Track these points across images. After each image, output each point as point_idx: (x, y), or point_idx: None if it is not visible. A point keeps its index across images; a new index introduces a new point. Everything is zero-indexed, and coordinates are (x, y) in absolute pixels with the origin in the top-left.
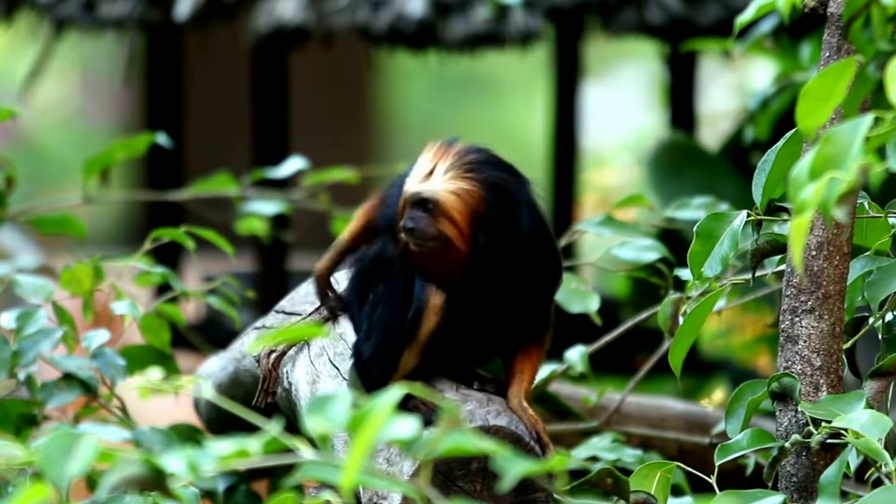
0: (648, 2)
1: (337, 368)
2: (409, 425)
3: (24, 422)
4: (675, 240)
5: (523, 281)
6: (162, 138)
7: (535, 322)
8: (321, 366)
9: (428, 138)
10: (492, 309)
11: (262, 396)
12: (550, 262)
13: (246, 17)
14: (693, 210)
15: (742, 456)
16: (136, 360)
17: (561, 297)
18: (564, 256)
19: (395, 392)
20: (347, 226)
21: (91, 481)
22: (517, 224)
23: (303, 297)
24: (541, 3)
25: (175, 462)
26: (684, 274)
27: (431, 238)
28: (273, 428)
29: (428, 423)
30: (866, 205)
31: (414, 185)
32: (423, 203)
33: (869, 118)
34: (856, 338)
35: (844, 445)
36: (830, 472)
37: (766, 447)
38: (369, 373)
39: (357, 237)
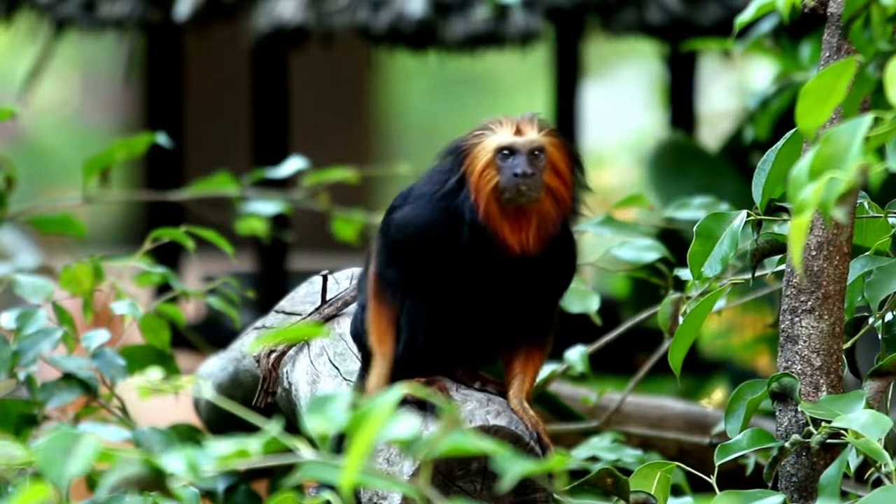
0: (648, 2)
1: (337, 368)
2: (409, 425)
3: (24, 422)
4: (675, 240)
5: (563, 268)
6: (162, 138)
7: (542, 323)
8: (321, 366)
9: (428, 138)
10: (524, 296)
11: (262, 396)
12: (576, 254)
13: (246, 17)
14: (693, 210)
15: (742, 456)
16: (136, 360)
17: None
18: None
19: (395, 392)
20: (376, 337)
21: (91, 481)
22: (583, 194)
23: (303, 297)
24: (541, 3)
25: (175, 462)
26: (684, 274)
27: (542, 188)
28: (273, 428)
29: (431, 411)
30: (866, 205)
31: (510, 137)
32: (533, 152)
33: (869, 118)
34: (856, 338)
35: (844, 445)
36: (830, 472)
37: (766, 447)
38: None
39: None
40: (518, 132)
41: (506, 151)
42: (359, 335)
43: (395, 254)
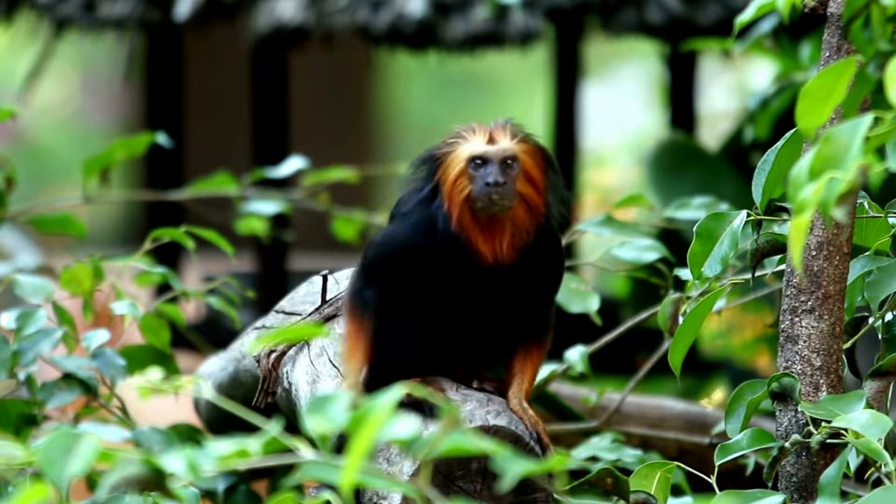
0: (648, 2)
1: (337, 368)
2: (409, 425)
3: (24, 422)
4: (675, 240)
5: (544, 274)
6: (162, 138)
7: (538, 321)
8: (321, 366)
9: (428, 138)
10: (507, 302)
11: (262, 396)
12: (561, 258)
13: (246, 17)
14: (693, 210)
15: (742, 456)
16: (136, 360)
17: (561, 297)
18: (565, 256)
19: (395, 392)
20: (347, 351)
21: (91, 481)
22: (561, 200)
23: (303, 297)
24: (541, 3)
25: (175, 462)
26: (684, 274)
27: (514, 197)
28: (273, 428)
29: (430, 411)
30: (866, 205)
31: (482, 146)
32: (506, 161)
33: (869, 118)
34: (856, 338)
35: (844, 445)
36: (830, 472)
37: (766, 447)
38: (381, 379)
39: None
40: (491, 140)
41: (478, 161)
42: None
43: (372, 275)
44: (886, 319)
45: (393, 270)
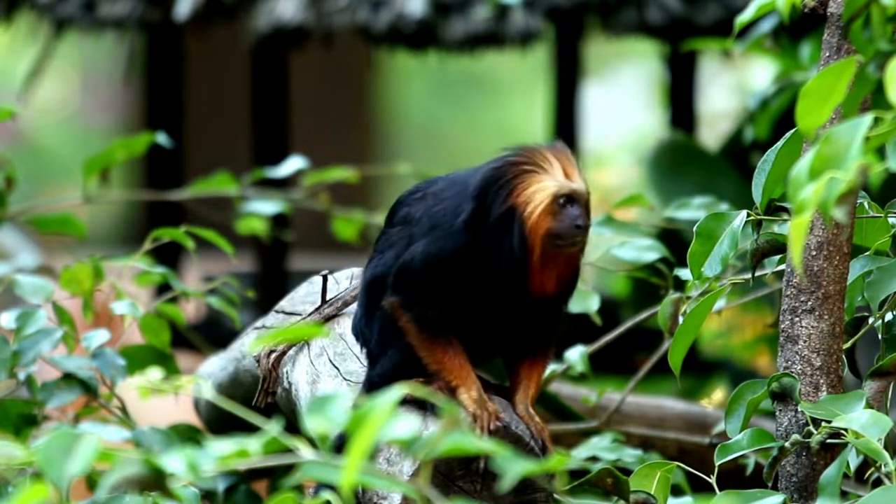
0: (648, 2)
1: (337, 368)
2: (409, 425)
3: (24, 422)
4: (675, 240)
5: (568, 298)
6: (162, 138)
7: (550, 332)
8: (321, 366)
9: (428, 138)
10: (532, 320)
11: (262, 396)
12: (578, 278)
13: (246, 17)
14: (693, 210)
15: (742, 456)
16: (136, 360)
17: None
18: None
19: (395, 392)
20: (453, 375)
21: (91, 481)
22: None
23: (303, 297)
24: (541, 3)
25: (175, 462)
26: (684, 274)
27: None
28: (273, 428)
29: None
30: (866, 205)
31: (569, 184)
32: (587, 202)
33: (869, 118)
34: (856, 338)
35: (844, 445)
36: (830, 472)
37: (766, 447)
38: (386, 386)
39: None
40: (567, 175)
41: (563, 199)
42: (362, 334)
43: (429, 289)
44: (886, 319)
45: (439, 283)
